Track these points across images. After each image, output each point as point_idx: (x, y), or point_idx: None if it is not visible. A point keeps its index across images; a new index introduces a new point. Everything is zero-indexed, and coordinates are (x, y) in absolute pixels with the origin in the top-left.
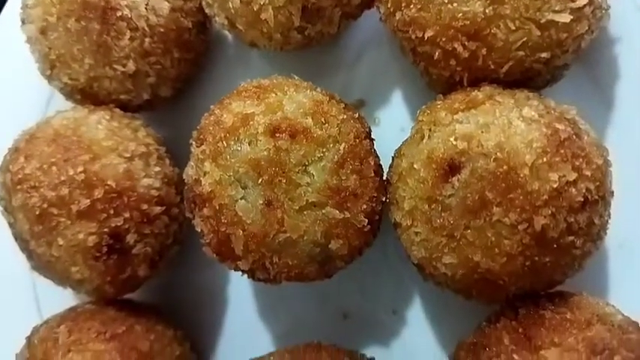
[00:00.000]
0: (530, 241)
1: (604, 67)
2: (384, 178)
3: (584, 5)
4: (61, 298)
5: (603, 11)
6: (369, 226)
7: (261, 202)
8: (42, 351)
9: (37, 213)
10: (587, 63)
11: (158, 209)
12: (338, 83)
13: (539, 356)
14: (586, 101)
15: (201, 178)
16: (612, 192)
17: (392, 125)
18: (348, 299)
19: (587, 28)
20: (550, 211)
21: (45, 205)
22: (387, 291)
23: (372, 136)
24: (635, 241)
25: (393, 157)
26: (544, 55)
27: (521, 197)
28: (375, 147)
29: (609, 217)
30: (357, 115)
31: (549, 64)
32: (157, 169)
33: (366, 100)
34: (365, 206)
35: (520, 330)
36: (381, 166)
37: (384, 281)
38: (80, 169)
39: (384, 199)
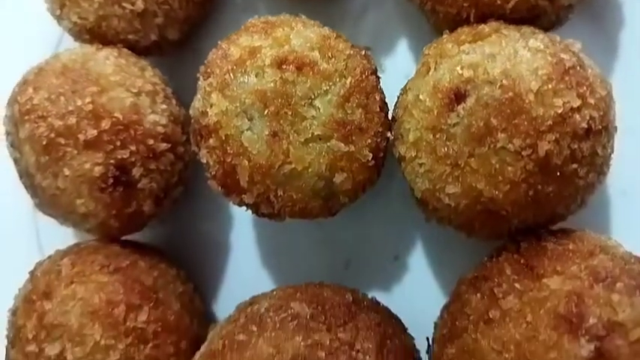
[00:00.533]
0: (533, 168)
1: (609, 14)
2: (390, 117)
3: None
4: (63, 239)
5: None
6: (373, 161)
7: (267, 133)
8: (45, 283)
9: (44, 143)
10: (591, 10)
11: (164, 146)
12: (344, 34)
13: (542, 284)
14: (590, 47)
15: (208, 110)
16: (616, 127)
17: (397, 73)
18: (350, 247)
19: None
20: (554, 137)
21: (52, 135)
22: (389, 238)
23: None
24: (638, 189)
25: (398, 96)
26: None
27: (525, 123)
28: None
29: (612, 151)
30: (363, 52)
31: (554, 2)
32: (164, 106)
33: (372, 47)
34: (370, 141)
35: (522, 261)
36: (386, 103)
37: (386, 228)
38: (88, 99)
39: (388, 134)
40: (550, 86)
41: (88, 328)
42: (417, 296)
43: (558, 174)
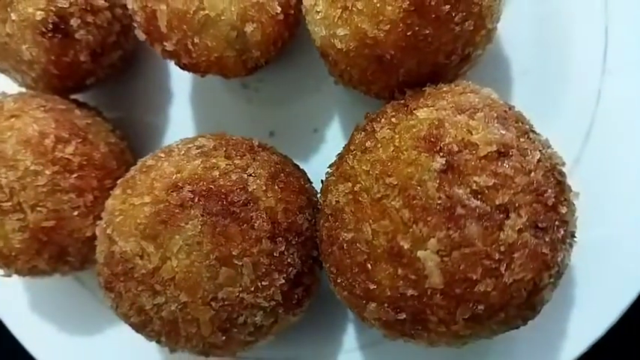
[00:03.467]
0: (409, 7)
1: None
2: None
3: None
4: None
5: None
6: (282, 16)
7: None
8: None
9: None
10: None
11: (101, 3)
12: None
13: (413, 115)
14: None
15: None
16: None
17: None
18: (274, 119)
19: None
20: None
21: None
22: (308, 112)
23: None
24: (537, 69)
25: None
26: None
27: None
28: None
29: (494, 5)
30: None
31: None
32: None
33: None
34: None
35: (402, 102)
36: None
37: (307, 104)
38: None
39: None
40: None
41: (21, 154)
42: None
43: (433, 15)
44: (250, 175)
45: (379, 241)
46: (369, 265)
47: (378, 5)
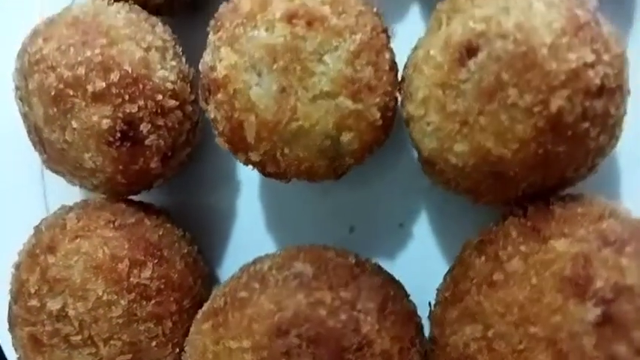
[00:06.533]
0: (545, 125)
1: None
2: (399, 77)
3: None
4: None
5: None
6: (381, 121)
7: (275, 88)
8: (49, 237)
9: (53, 94)
10: None
11: (172, 103)
12: None
13: (548, 246)
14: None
15: (217, 64)
16: (629, 90)
17: (408, 38)
18: (355, 213)
19: None
20: (567, 93)
21: (61, 86)
22: (394, 205)
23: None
24: None
25: (408, 56)
26: None
27: (538, 77)
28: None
29: (624, 113)
30: (375, 10)
31: None
32: (173, 63)
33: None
34: (378, 100)
35: (529, 224)
36: (396, 63)
37: (392, 195)
38: (97, 51)
39: (397, 95)
40: (564, 40)
41: (91, 283)
42: (420, 264)
43: (569, 133)
44: (360, 311)
45: None
46: None
47: (506, 123)
